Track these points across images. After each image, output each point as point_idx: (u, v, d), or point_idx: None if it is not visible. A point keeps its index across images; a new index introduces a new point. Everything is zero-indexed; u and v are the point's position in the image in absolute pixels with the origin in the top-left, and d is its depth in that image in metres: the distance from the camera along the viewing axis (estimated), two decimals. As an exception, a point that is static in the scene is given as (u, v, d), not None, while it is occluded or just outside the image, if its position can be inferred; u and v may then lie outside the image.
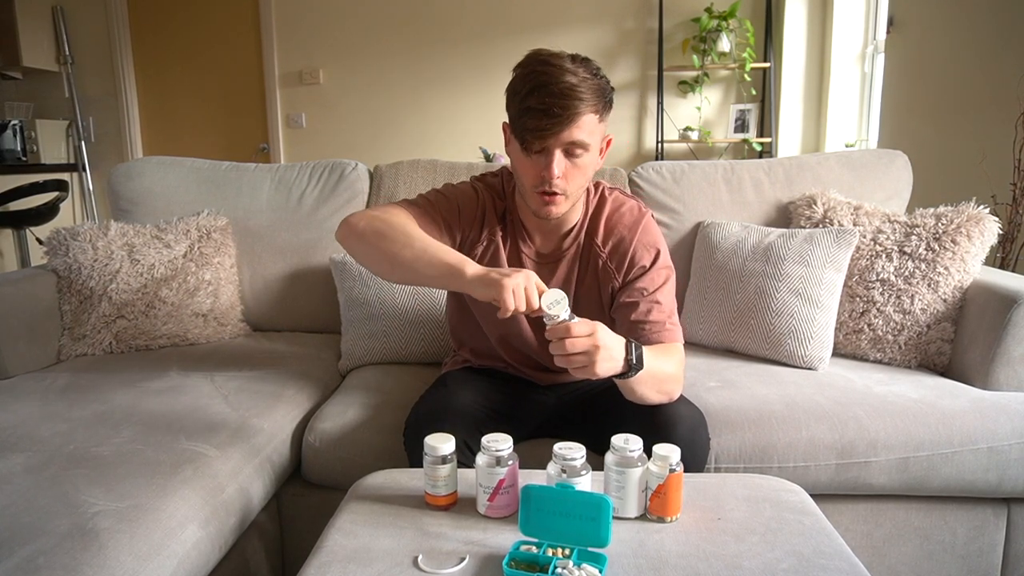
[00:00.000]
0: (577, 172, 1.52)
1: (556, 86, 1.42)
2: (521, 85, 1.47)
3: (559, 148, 1.47)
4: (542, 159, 1.49)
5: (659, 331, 1.60)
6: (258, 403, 1.87)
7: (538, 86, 1.43)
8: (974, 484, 1.78)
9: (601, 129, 1.54)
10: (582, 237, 1.69)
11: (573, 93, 1.42)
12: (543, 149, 1.48)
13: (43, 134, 5.24)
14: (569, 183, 1.52)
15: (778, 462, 1.75)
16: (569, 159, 1.50)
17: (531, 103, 1.44)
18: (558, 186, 1.50)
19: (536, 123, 1.44)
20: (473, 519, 1.29)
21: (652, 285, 1.64)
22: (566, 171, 1.50)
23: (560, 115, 1.43)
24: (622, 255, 1.66)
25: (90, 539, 1.23)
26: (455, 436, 1.40)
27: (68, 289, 2.28)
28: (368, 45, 5.24)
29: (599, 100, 1.48)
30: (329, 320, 2.47)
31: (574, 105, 1.43)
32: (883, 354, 2.11)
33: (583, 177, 1.54)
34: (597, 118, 1.49)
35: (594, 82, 1.46)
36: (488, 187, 1.73)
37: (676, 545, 1.20)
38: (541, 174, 1.50)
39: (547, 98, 1.42)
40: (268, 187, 2.61)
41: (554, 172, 1.48)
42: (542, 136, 1.45)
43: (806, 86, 4.81)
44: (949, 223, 2.09)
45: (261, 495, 1.67)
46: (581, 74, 1.44)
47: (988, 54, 3.01)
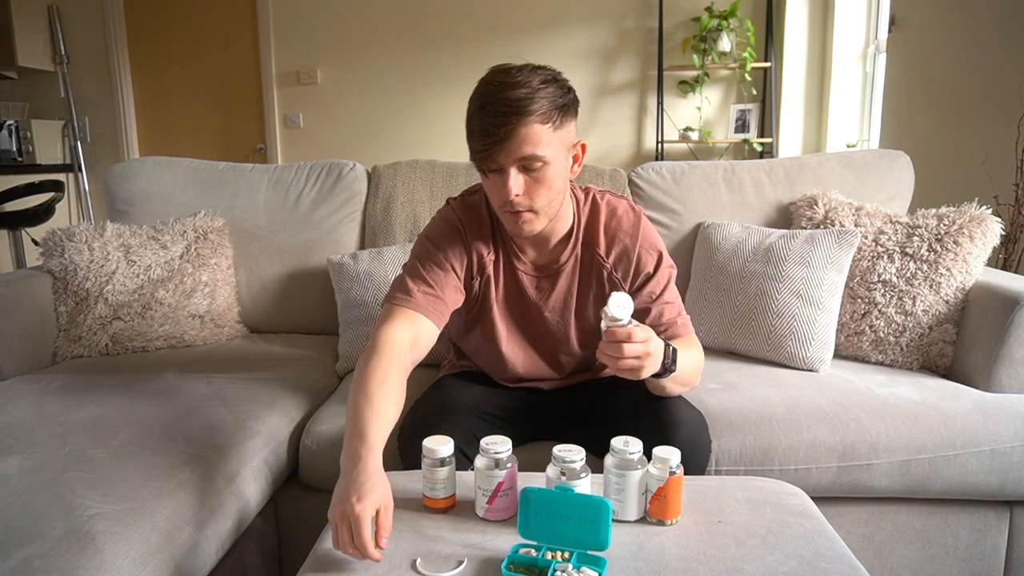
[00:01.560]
0: (540, 187, 1.46)
1: (495, 104, 1.38)
2: (470, 107, 1.44)
3: (512, 165, 1.42)
4: (499, 178, 1.45)
5: (675, 328, 1.63)
6: (255, 405, 1.86)
7: (480, 106, 1.41)
8: (976, 487, 1.78)
9: (561, 137, 1.45)
10: (580, 247, 1.67)
11: (512, 108, 1.38)
12: (497, 168, 1.44)
13: (39, 134, 5.23)
14: (534, 199, 1.47)
15: (779, 464, 1.75)
16: (527, 174, 1.44)
17: (474, 124, 1.42)
18: (520, 204, 1.46)
19: (478, 144, 1.42)
20: (472, 522, 1.28)
21: (659, 287, 1.65)
22: (527, 187, 1.45)
23: (497, 133, 1.38)
24: (627, 263, 1.65)
25: (86, 542, 1.23)
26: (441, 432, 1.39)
27: (64, 290, 2.27)
28: (366, 44, 5.23)
29: (548, 109, 1.40)
30: (327, 322, 2.46)
31: (512, 120, 1.38)
32: (885, 356, 2.10)
33: (549, 191, 1.48)
34: (549, 128, 1.42)
35: (544, 91, 1.40)
36: (466, 207, 1.68)
37: (676, 548, 1.20)
38: (501, 195, 1.46)
39: (486, 118, 1.39)
40: (265, 188, 2.60)
41: (511, 190, 1.43)
42: (486, 156, 1.42)
43: (807, 86, 4.81)
44: (951, 224, 2.08)
45: (258, 498, 1.66)
46: (528, 86, 1.39)
47: (990, 54, 3.00)
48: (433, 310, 1.56)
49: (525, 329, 1.73)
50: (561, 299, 1.69)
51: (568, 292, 1.69)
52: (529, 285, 1.68)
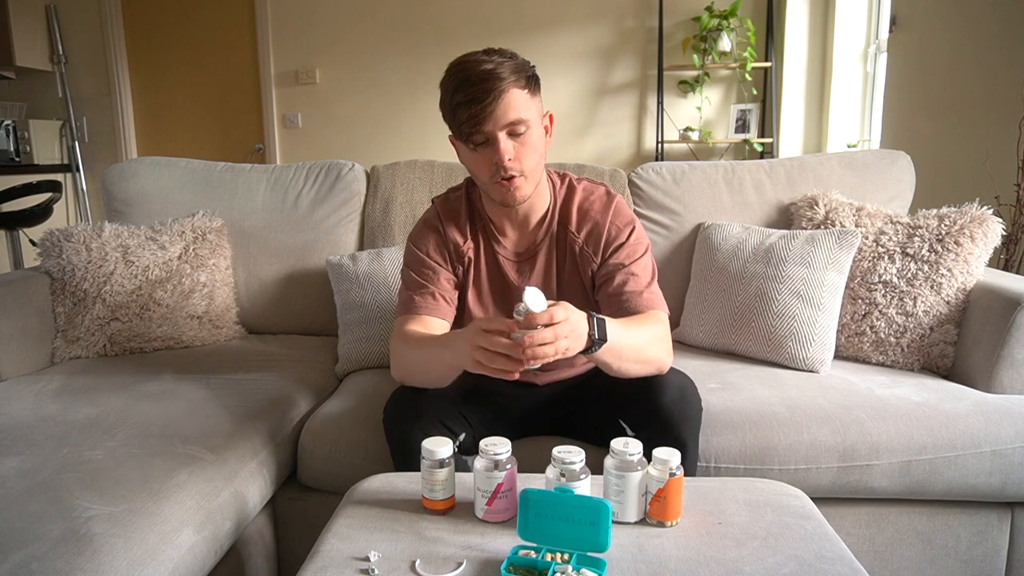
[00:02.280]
0: (526, 150, 1.56)
1: (475, 75, 1.49)
2: (446, 91, 1.54)
3: (500, 131, 1.52)
4: (488, 149, 1.55)
5: (636, 300, 1.63)
6: (253, 407, 1.86)
7: (461, 81, 1.50)
8: (977, 488, 1.77)
9: (536, 105, 1.58)
10: (555, 227, 1.73)
11: (491, 75, 1.48)
12: (486, 139, 1.53)
13: (36, 134, 5.23)
14: (523, 163, 1.56)
15: (779, 464, 1.75)
16: (514, 139, 1.54)
17: (459, 98, 1.51)
18: (513, 168, 1.55)
19: (468, 113, 1.50)
20: (471, 523, 1.28)
21: (628, 259, 1.67)
22: (516, 151, 1.54)
23: (485, 97, 1.48)
24: (597, 237, 1.70)
25: (84, 544, 1.23)
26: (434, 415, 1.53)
27: (62, 291, 2.27)
28: (365, 44, 5.23)
29: (520, 75, 1.53)
30: (326, 323, 2.46)
31: (496, 85, 1.48)
32: (885, 357, 2.10)
33: (534, 153, 1.58)
34: (526, 93, 1.54)
35: (510, 63, 1.52)
36: (446, 202, 1.78)
37: (676, 550, 1.19)
38: (493, 162, 1.55)
39: (470, 88, 1.49)
40: (264, 188, 2.60)
41: (504, 156, 1.53)
42: (477, 122, 1.51)
43: (808, 86, 4.80)
44: (952, 224, 2.08)
45: (257, 499, 1.66)
46: (496, 59, 1.51)
47: (992, 53, 3.00)
48: (438, 308, 1.69)
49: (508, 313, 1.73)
50: (541, 280, 1.73)
51: (547, 271, 1.74)
52: (510, 269, 1.74)
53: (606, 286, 1.66)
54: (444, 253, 1.73)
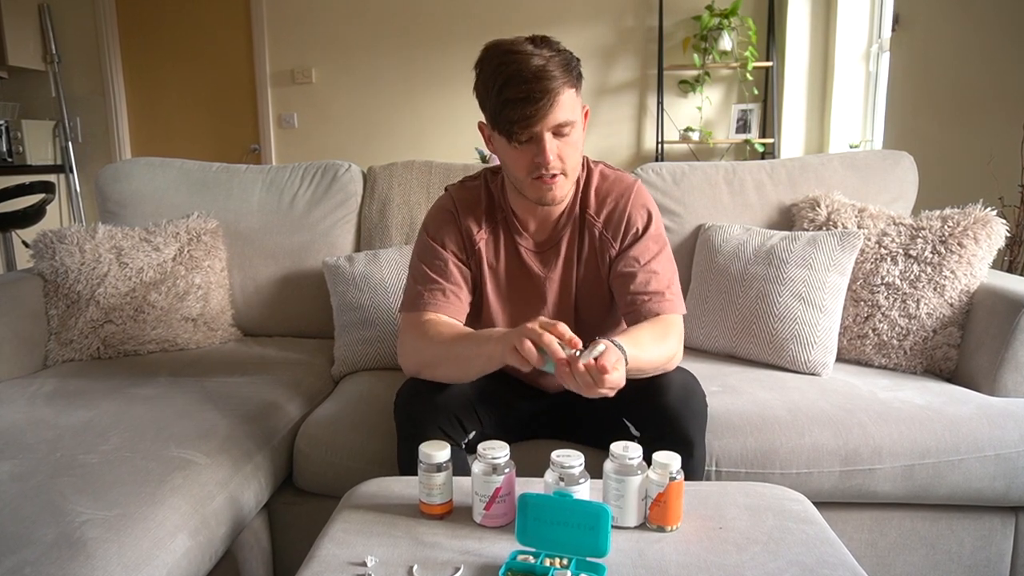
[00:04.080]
0: (569, 149, 1.53)
1: (528, 72, 1.43)
2: (492, 80, 1.48)
3: (547, 131, 1.48)
4: (532, 147, 1.51)
5: (659, 302, 1.61)
6: (249, 410, 1.86)
7: (511, 76, 1.44)
8: (981, 492, 1.77)
9: (578, 103, 1.55)
10: (576, 213, 1.70)
11: (546, 74, 1.43)
12: (530, 137, 1.50)
13: (29, 134, 5.22)
14: (566, 162, 1.54)
15: (780, 468, 1.74)
16: (559, 139, 1.51)
17: (508, 95, 1.45)
18: (555, 167, 1.52)
19: (519, 113, 1.45)
20: (469, 528, 1.28)
21: (647, 254, 1.65)
22: (560, 151, 1.52)
23: (541, 99, 1.44)
24: (617, 221, 1.67)
25: (77, 549, 1.22)
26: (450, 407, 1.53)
27: (55, 293, 2.26)
28: (362, 44, 5.23)
29: (570, 74, 1.48)
30: (322, 325, 2.45)
31: (551, 85, 1.44)
32: (888, 359, 2.09)
33: (576, 152, 1.56)
34: (574, 92, 1.51)
35: (560, 58, 1.47)
36: (463, 190, 1.75)
37: (676, 555, 1.19)
38: (534, 161, 1.51)
39: (523, 85, 1.44)
40: (259, 189, 2.60)
41: (548, 157, 1.49)
42: (529, 124, 1.47)
43: (809, 85, 4.82)
44: (955, 225, 2.07)
45: (252, 503, 1.66)
46: (546, 54, 1.46)
47: (996, 53, 3.00)
48: (447, 305, 1.65)
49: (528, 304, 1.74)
50: (562, 271, 1.71)
51: (568, 260, 1.71)
52: (533, 261, 1.71)
53: (626, 281, 1.63)
54: (458, 242, 1.70)
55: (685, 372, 1.63)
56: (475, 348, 1.51)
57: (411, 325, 1.65)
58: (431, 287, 1.65)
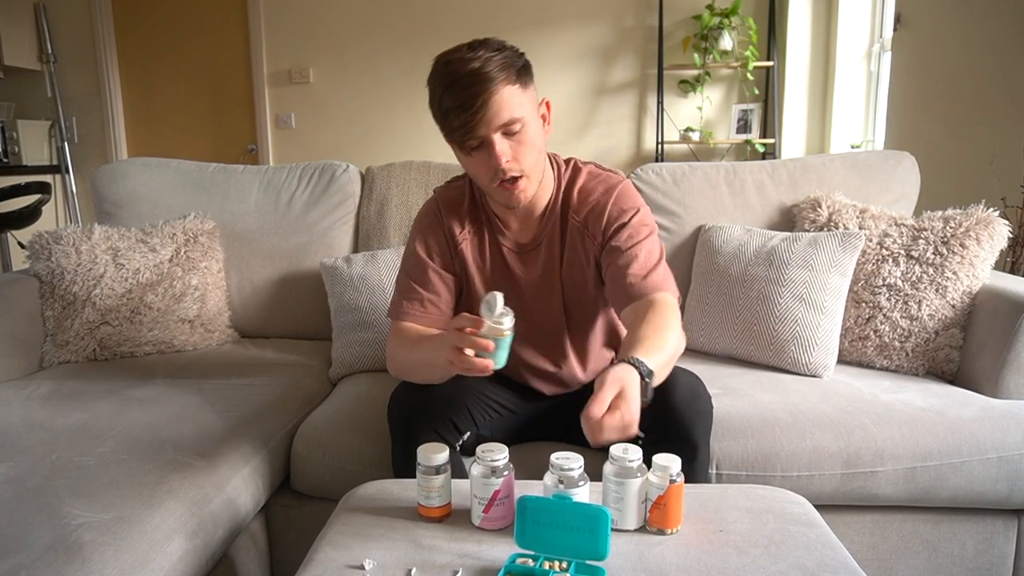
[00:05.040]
0: (524, 148, 1.50)
1: (462, 77, 1.43)
2: (434, 93, 1.48)
3: (495, 133, 1.46)
4: (484, 152, 1.49)
5: (640, 283, 1.54)
6: (246, 412, 1.86)
7: (448, 86, 1.44)
8: (983, 495, 1.77)
9: (530, 98, 1.52)
10: (558, 213, 1.67)
11: (479, 75, 1.42)
12: (480, 142, 1.48)
13: (24, 135, 5.21)
14: (522, 162, 1.51)
15: (781, 471, 1.73)
16: (510, 139, 1.48)
17: (447, 104, 1.45)
18: (513, 169, 1.50)
19: (459, 120, 1.45)
20: (467, 531, 1.27)
21: (633, 239, 1.59)
22: (513, 151, 1.49)
23: (475, 102, 1.42)
24: (597, 218, 1.63)
25: (73, 552, 1.22)
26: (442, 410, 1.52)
27: (51, 294, 2.26)
28: (360, 43, 5.22)
29: (509, 70, 1.45)
30: (319, 326, 2.45)
31: (485, 87, 1.42)
32: (890, 361, 2.09)
33: (534, 150, 1.52)
34: (517, 88, 1.47)
35: (498, 57, 1.45)
36: (448, 190, 1.75)
37: (677, 558, 1.18)
38: (490, 165, 1.49)
39: (459, 92, 1.43)
40: (256, 189, 2.59)
41: (501, 160, 1.47)
42: (470, 129, 1.45)
43: (810, 85, 4.81)
44: (958, 226, 2.07)
45: (249, 506, 1.66)
46: (483, 55, 1.44)
47: (998, 52, 2.99)
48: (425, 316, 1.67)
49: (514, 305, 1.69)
50: (542, 272, 1.69)
51: (548, 261, 1.68)
52: (514, 261, 1.69)
53: (610, 269, 1.59)
54: (441, 244, 1.69)
55: (690, 374, 1.62)
56: (433, 354, 1.50)
57: (392, 332, 1.69)
58: (410, 296, 1.68)
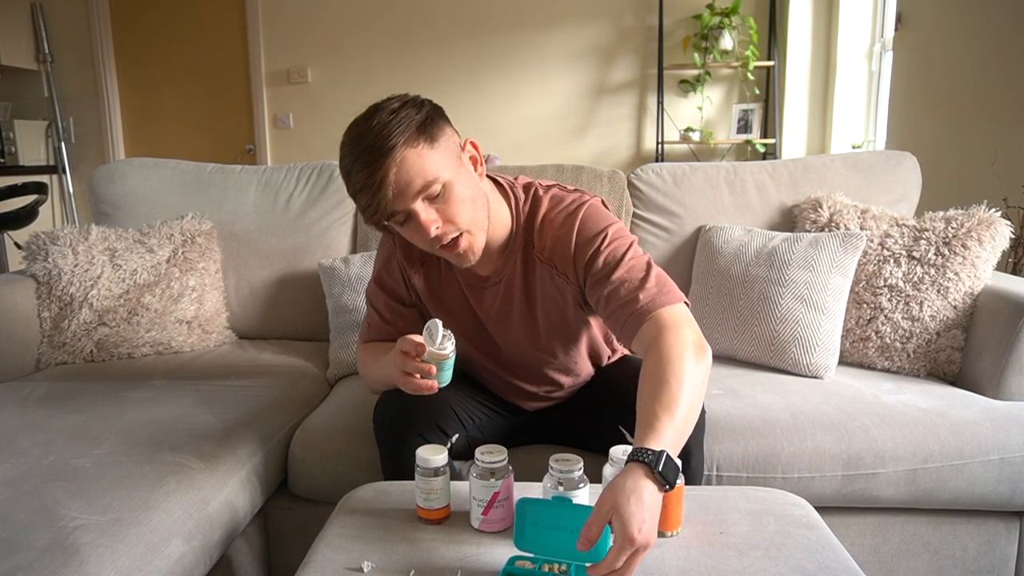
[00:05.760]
0: (453, 207, 1.37)
1: (359, 159, 1.32)
2: (341, 171, 1.39)
3: (413, 203, 1.34)
4: (411, 224, 1.37)
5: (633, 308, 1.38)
6: (243, 414, 1.85)
7: (349, 167, 1.35)
8: (985, 497, 1.76)
9: (443, 152, 1.37)
10: (519, 248, 1.54)
11: (374, 151, 1.31)
12: (405, 216, 1.36)
13: (21, 135, 5.20)
14: (458, 220, 1.38)
15: (782, 472, 1.73)
16: (433, 203, 1.36)
17: (352, 187, 1.36)
18: (448, 232, 1.38)
19: (366, 201, 1.34)
20: (467, 534, 1.27)
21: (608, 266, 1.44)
22: (442, 214, 1.37)
23: (375, 182, 1.31)
24: (563, 256, 1.50)
25: (70, 554, 1.22)
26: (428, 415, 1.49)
27: (47, 295, 2.25)
28: (358, 43, 5.21)
29: (407, 132, 1.32)
30: (317, 328, 2.45)
31: (382, 163, 1.30)
32: (891, 362, 2.08)
33: (465, 204, 1.39)
34: (422, 148, 1.33)
35: (395, 120, 1.33)
36: None
37: (677, 560, 1.18)
38: (423, 237, 1.38)
39: (358, 175, 1.32)
40: (254, 190, 2.59)
41: (429, 230, 1.36)
42: (380, 212, 1.34)
43: (811, 85, 4.80)
44: (959, 227, 2.06)
45: (247, 508, 1.65)
46: (379, 123, 1.32)
47: (1000, 52, 2.99)
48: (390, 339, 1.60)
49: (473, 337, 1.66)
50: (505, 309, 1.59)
51: (509, 301, 1.58)
52: (473, 296, 1.60)
53: (601, 306, 1.44)
54: (395, 279, 1.64)
55: None
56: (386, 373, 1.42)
57: (359, 352, 1.70)
58: (370, 320, 1.68)
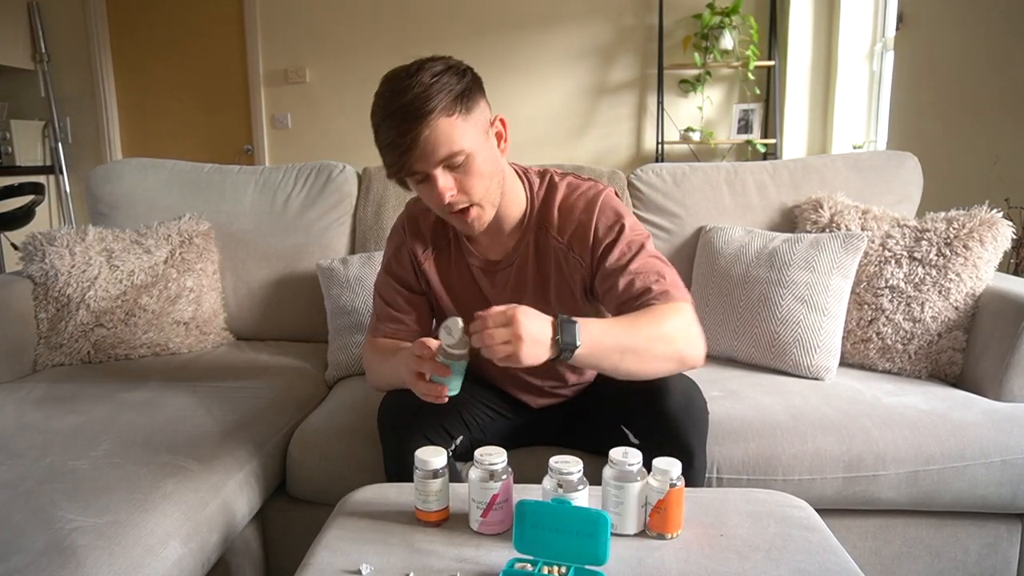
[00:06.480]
0: (470, 179, 1.41)
1: (394, 114, 1.34)
2: (373, 122, 1.40)
3: (434, 168, 1.38)
4: (427, 186, 1.41)
5: (649, 296, 1.45)
6: (241, 415, 1.85)
7: (380, 120, 1.37)
8: (987, 499, 1.76)
9: (474, 125, 1.40)
10: (534, 233, 1.58)
11: (410, 112, 1.33)
12: (424, 177, 1.40)
13: (18, 135, 5.19)
14: (472, 192, 1.43)
15: (783, 474, 1.72)
16: (453, 172, 1.40)
17: (381, 140, 1.38)
18: (459, 201, 1.42)
19: (390, 158, 1.38)
20: (466, 535, 1.27)
21: (625, 256, 1.51)
22: (458, 184, 1.41)
23: (405, 142, 1.34)
24: (583, 239, 1.54)
25: (67, 556, 1.22)
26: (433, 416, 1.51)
27: (44, 296, 2.24)
28: (357, 42, 5.20)
29: (446, 100, 1.35)
30: (315, 329, 2.44)
31: (417, 124, 1.33)
32: (892, 364, 2.08)
33: (483, 179, 1.43)
34: (456, 119, 1.36)
35: (437, 85, 1.34)
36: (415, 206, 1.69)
37: (677, 563, 1.18)
38: (436, 201, 1.43)
39: (390, 130, 1.35)
40: (252, 190, 2.59)
41: (443, 196, 1.39)
42: (404, 168, 1.38)
43: (812, 85, 4.79)
44: (961, 227, 2.06)
45: (245, 510, 1.66)
46: (421, 85, 1.34)
47: (1002, 51, 2.98)
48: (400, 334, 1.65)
49: None
50: (512, 292, 1.61)
51: (522, 285, 1.61)
52: (483, 280, 1.63)
53: (612, 295, 1.50)
54: (405, 267, 1.66)
55: (685, 378, 1.58)
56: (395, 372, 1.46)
57: (366, 345, 1.70)
58: (380, 314, 1.68)
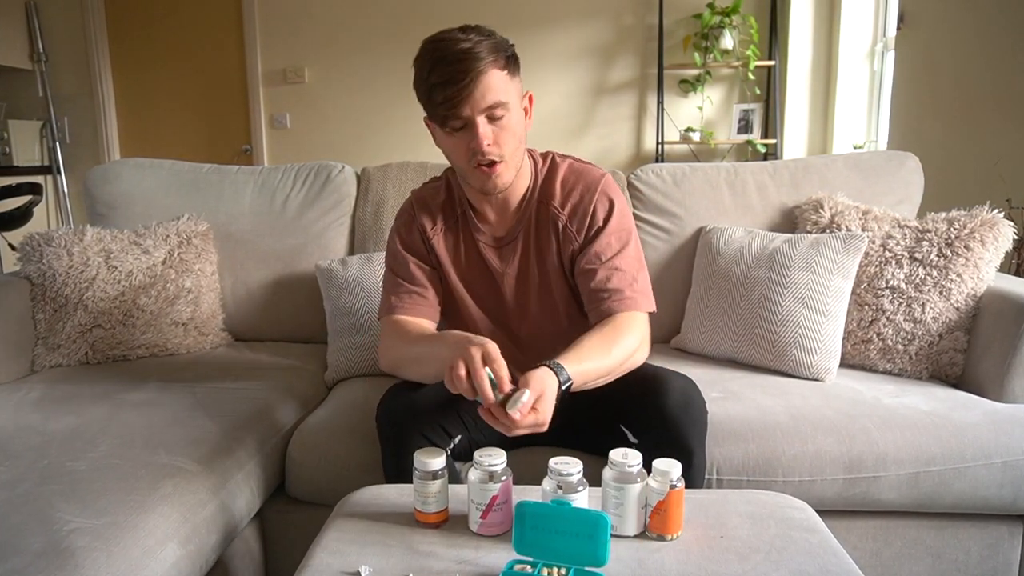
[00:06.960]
0: (506, 134, 1.52)
1: (452, 54, 1.45)
2: (421, 69, 1.50)
3: (479, 115, 1.47)
4: (466, 133, 1.50)
5: (619, 300, 1.58)
6: (240, 416, 1.84)
7: (437, 61, 1.46)
8: (988, 500, 1.75)
9: (516, 87, 1.54)
10: (535, 205, 1.68)
11: (470, 55, 1.44)
12: (464, 123, 1.49)
13: (15, 135, 5.18)
14: (503, 147, 1.52)
15: (783, 476, 1.72)
16: (493, 124, 1.50)
17: (434, 79, 1.46)
18: (492, 152, 1.51)
19: (444, 94, 1.46)
20: (465, 537, 1.27)
21: (609, 250, 1.62)
22: (495, 136, 1.50)
23: (462, 79, 1.44)
24: (583, 213, 1.65)
25: (65, 558, 1.21)
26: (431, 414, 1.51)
27: (42, 297, 2.24)
28: (356, 42, 5.20)
29: (499, 55, 1.48)
30: (314, 330, 2.44)
31: (474, 65, 1.44)
32: (893, 365, 2.07)
33: (514, 138, 1.54)
34: (505, 74, 1.50)
35: (489, 41, 1.48)
36: (424, 189, 1.77)
37: (677, 564, 1.18)
38: (470, 147, 1.50)
39: (447, 67, 1.45)
40: (251, 190, 2.58)
41: (482, 142, 1.48)
42: (455, 105, 1.46)
43: (812, 85, 4.80)
44: (962, 228, 2.05)
45: (244, 512, 1.66)
46: (473, 38, 1.47)
47: (1004, 52, 2.98)
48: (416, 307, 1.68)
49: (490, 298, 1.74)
50: (519, 265, 1.70)
51: (524, 254, 1.69)
52: (492, 256, 1.70)
53: (587, 279, 1.61)
54: (416, 242, 1.71)
55: (684, 379, 1.60)
56: (431, 350, 1.51)
57: (385, 327, 1.70)
58: (399, 291, 1.69)
